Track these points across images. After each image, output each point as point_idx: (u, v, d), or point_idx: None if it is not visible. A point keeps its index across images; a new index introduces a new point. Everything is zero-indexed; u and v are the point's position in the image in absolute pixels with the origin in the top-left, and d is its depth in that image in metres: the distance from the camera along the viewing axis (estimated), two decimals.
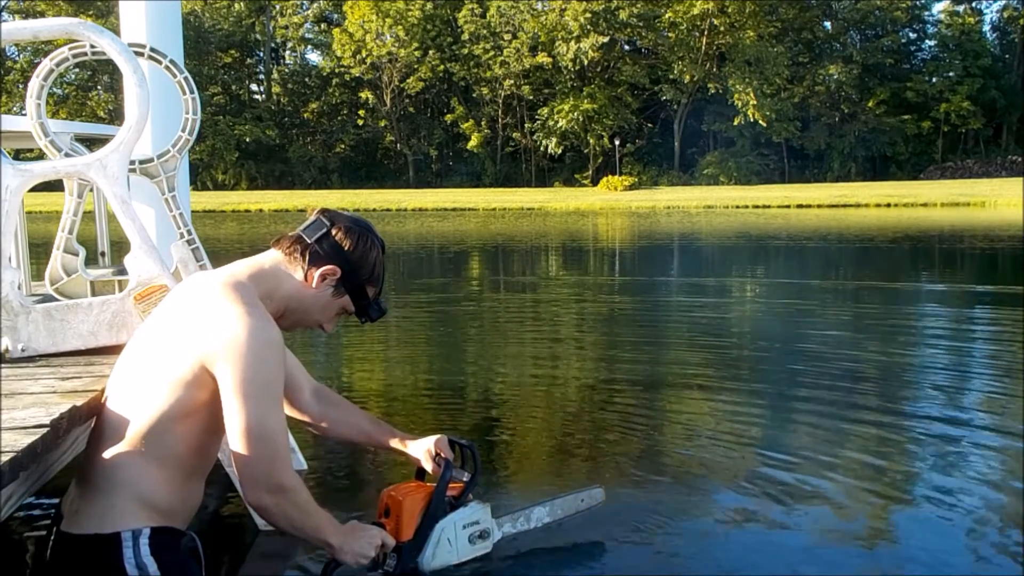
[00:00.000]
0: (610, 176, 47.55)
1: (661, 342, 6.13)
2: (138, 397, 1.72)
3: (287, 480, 1.71)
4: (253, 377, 1.65)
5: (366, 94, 53.51)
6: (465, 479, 2.15)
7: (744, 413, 3.97)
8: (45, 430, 1.68)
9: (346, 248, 1.86)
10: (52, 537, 1.72)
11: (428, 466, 2.16)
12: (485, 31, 51.60)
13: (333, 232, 1.86)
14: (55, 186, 2.84)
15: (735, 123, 49.58)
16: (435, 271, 12.59)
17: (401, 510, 2.02)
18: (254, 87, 59.75)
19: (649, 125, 53.48)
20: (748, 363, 5.38)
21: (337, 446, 2.97)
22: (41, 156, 2.71)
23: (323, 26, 58.39)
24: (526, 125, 52.84)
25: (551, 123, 50.71)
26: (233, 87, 57.43)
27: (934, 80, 51.62)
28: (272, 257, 1.86)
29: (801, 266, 12.74)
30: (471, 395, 4.49)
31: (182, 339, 1.70)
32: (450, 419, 3.94)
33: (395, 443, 2.22)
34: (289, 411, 2.13)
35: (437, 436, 2.20)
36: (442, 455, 2.15)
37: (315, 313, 1.89)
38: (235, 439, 1.67)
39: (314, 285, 1.84)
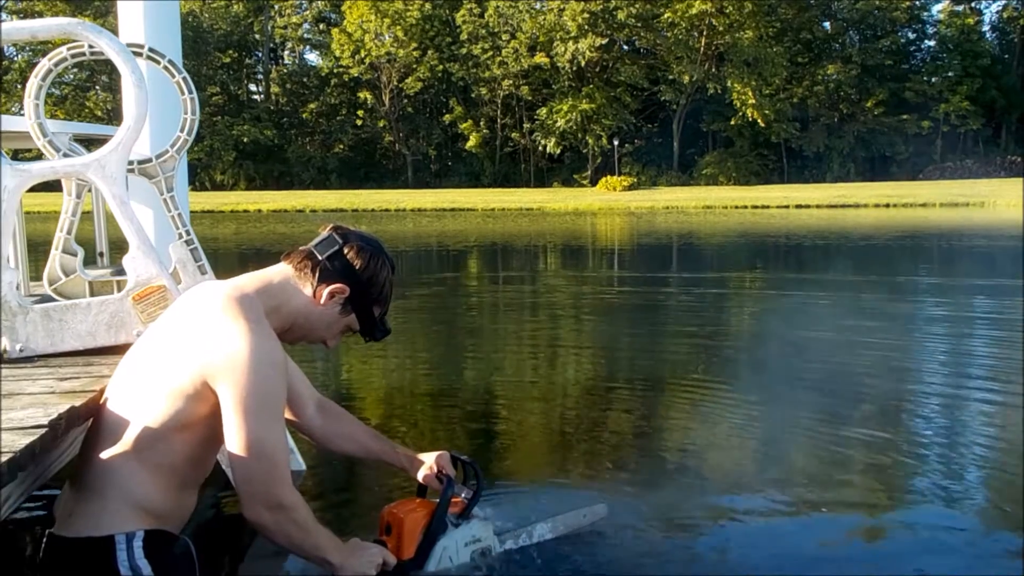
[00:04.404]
0: (609, 176, 47.53)
1: (660, 340, 6.13)
2: (138, 405, 1.72)
3: (286, 497, 1.71)
4: (254, 394, 1.65)
5: (365, 94, 53.49)
6: (464, 495, 2.14)
7: (745, 409, 3.97)
8: (43, 430, 1.68)
9: (357, 267, 1.86)
10: (44, 540, 1.72)
11: (430, 483, 2.16)
12: (483, 31, 51.57)
13: (345, 251, 1.86)
14: (54, 186, 2.84)
15: (733, 123, 49.61)
16: (434, 269, 12.59)
17: (402, 528, 2.01)
18: (253, 87, 59.74)
19: (648, 125, 53.48)
20: (748, 359, 5.38)
21: (338, 458, 2.97)
22: (39, 156, 2.71)
23: (322, 26, 58.36)
24: (525, 125, 52.82)
25: (550, 123, 50.70)
26: (231, 87, 57.37)
27: (933, 80, 51.61)
28: (281, 271, 1.86)
29: (800, 263, 12.75)
30: (469, 397, 4.49)
31: (185, 351, 1.70)
32: (447, 422, 3.94)
33: (397, 459, 2.22)
34: (292, 424, 2.14)
35: (439, 452, 2.20)
36: (444, 472, 2.15)
37: (320, 330, 1.89)
38: (235, 455, 1.67)
39: (322, 302, 1.84)
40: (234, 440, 1.66)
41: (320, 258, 1.84)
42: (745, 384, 4.65)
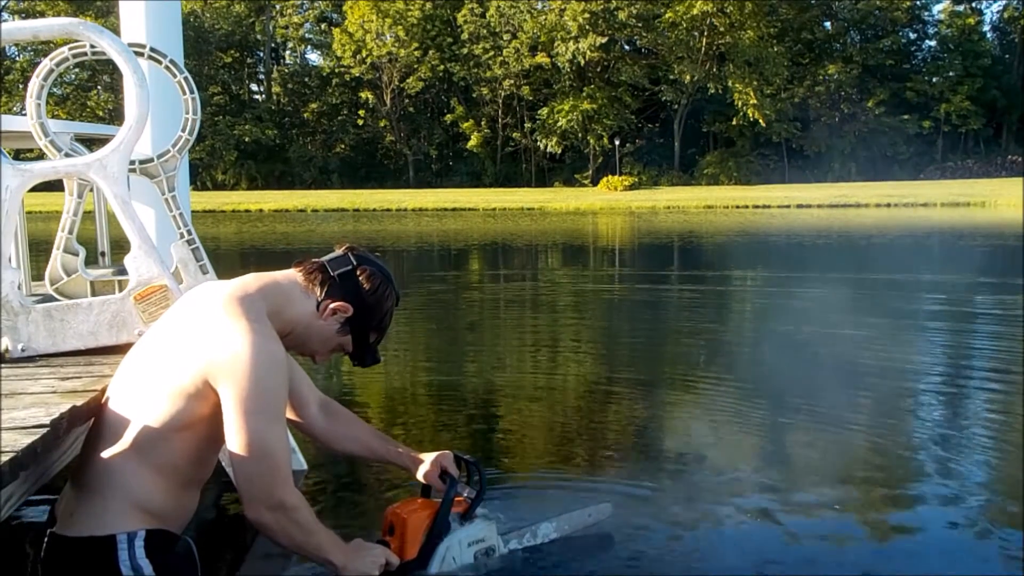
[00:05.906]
0: (610, 176, 47.51)
1: (662, 337, 6.13)
2: (139, 404, 1.72)
3: (288, 498, 1.71)
4: (255, 394, 1.66)
5: (366, 94, 53.49)
6: (468, 495, 2.14)
7: (747, 407, 3.96)
8: (45, 430, 1.68)
9: (365, 289, 1.88)
10: (45, 540, 1.72)
11: (433, 482, 2.16)
12: (485, 31, 51.59)
13: (357, 272, 1.89)
14: (55, 186, 2.84)
15: (735, 123, 49.61)
16: (435, 268, 12.58)
17: (405, 528, 2.00)
18: (254, 87, 59.77)
19: (649, 125, 53.47)
20: (750, 356, 5.37)
21: (340, 458, 2.97)
22: (41, 156, 2.71)
23: (323, 26, 58.38)
24: (526, 125, 52.82)
25: (551, 123, 50.69)
26: (233, 87, 57.41)
27: (934, 80, 51.61)
28: (289, 276, 1.88)
29: (801, 263, 12.73)
30: (472, 395, 4.49)
31: (186, 351, 1.70)
32: (450, 421, 3.93)
33: (400, 459, 2.22)
34: (295, 424, 2.14)
35: (442, 452, 2.20)
36: (447, 471, 2.15)
37: (314, 343, 1.90)
38: (236, 455, 1.67)
39: (323, 316, 1.86)
40: (235, 440, 1.66)
41: (331, 273, 1.87)
42: (747, 381, 4.65)
